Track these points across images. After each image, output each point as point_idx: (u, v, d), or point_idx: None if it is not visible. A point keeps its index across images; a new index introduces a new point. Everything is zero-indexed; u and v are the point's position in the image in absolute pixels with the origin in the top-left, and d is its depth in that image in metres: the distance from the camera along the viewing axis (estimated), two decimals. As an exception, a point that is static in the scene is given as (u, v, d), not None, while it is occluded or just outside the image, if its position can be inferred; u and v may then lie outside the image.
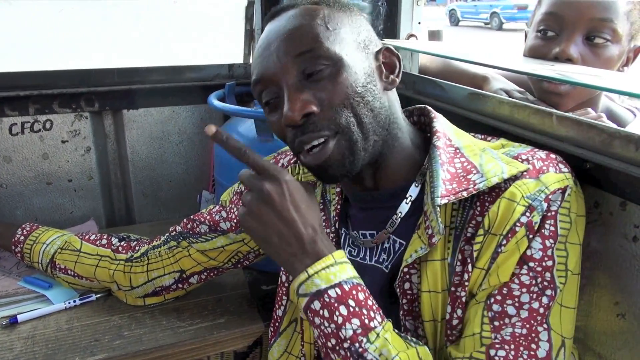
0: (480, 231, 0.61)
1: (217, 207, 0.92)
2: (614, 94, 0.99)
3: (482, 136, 0.73)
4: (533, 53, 0.93)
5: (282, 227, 0.60)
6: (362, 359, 0.57)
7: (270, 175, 0.61)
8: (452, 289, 0.62)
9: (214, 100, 1.19)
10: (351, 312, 0.58)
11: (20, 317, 0.94)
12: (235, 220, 0.89)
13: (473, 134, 0.73)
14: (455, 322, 0.62)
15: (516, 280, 0.59)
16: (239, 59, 1.50)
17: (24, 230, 1.05)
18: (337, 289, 0.59)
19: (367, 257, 0.73)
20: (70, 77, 1.29)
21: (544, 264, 0.59)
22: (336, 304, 0.58)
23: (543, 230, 0.59)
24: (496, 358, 0.58)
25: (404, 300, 0.67)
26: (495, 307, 0.59)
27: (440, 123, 0.71)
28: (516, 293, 0.59)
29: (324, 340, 0.59)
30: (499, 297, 0.59)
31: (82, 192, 1.38)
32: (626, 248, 0.64)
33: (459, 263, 0.63)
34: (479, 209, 0.63)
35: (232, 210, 0.89)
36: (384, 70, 0.69)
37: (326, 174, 0.65)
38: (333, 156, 0.63)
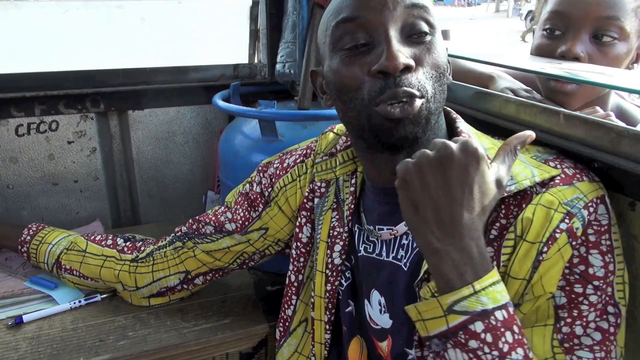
0: (510, 235, 0.59)
1: (223, 208, 0.92)
2: (624, 91, 0.98)
3: (501, 139, 0.72)
4: (540, 52, 0.92)
5: (442, 203, 0.53)
6: None
7: (466, 143, 0.54)
8: None
9: (218, 100, 1.19)
10: (516, 340, 0.52)
11: (25, 317, 0.95)
12: (240, 222, 0.88)
13: (490, 135, 0.72)
14: None
15: (585, 302, 0.58)
16: (244, 59, 1.50)
17: (30, 231, 1.06)
18: (504, 312, 0.52)
19: (384, 253, 0.71)
20: (75, 78, 1.29)
21: (608, 280, 0.58)
22: (503, 329, 0.51)
23: (600, 247, 0.58)
24: None
25: None
26: (565, 329, 0.58)
27: (463, 123, 0.71)
28: (585, 313, 0.58)
29: None
30: (569, 320, 0.58)
31: (87, 193, 1.38)
32: (636, 249, 0.63)
33: None
34: (503, 211, 0.61)
35: (237, 212, 0.89)
36: None
37: (399, 131, 0.62)
38: (418, 114, 0.61)
